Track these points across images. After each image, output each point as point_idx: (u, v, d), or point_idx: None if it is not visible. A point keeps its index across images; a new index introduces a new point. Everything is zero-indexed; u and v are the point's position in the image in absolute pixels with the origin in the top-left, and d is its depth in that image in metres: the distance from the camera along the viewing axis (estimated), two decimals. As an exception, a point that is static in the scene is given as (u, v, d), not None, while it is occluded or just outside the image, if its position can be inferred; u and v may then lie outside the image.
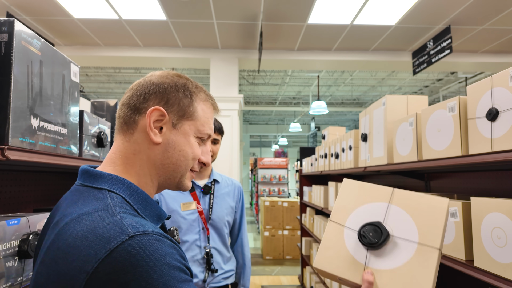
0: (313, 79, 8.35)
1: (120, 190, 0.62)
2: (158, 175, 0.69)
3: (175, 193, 1.57)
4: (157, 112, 0.66)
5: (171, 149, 0.68)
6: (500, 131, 1.07)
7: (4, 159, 0.77)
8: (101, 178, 0.63)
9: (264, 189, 9.27)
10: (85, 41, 5.04)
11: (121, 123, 0.69)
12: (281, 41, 5.04)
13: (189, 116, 0.70)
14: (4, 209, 1.20)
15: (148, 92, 0.68)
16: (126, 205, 0.60)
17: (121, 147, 0.68)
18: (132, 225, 0.54)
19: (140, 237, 0.52)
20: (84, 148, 1.25)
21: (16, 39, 0.84)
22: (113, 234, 0.52)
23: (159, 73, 0.72)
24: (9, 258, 0.89)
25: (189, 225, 1.54)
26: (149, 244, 0.52)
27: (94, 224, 0.53)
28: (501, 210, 1.07)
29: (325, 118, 13.68)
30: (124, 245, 0.50)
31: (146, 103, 0.67)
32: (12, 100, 0.82)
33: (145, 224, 0.56)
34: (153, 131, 0.66)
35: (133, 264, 0.49)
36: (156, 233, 0.54)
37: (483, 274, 1.11)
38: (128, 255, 0.50)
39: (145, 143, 0.67)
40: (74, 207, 0.59)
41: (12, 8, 4.01)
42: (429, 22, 4.39)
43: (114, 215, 0.55)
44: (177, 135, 0.69)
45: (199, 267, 1.52)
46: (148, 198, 0.65)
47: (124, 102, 0.69)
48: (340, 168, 2.65)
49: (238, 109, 5.25)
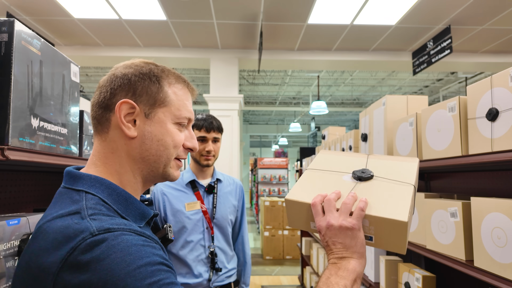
0: (313, 79, 8.35)
1: (97, 191, 0.60)
2: (140, 170, 0.67)
3: (179, 193, 1.57)
4: (126, 105, 0.63)
5: (149, 140, 0.65)
6: (500, 131, 1.07)
7: (4, 159, 0.77)
8: (80, 179, 0.62)
9: (264, 189, 9.27)
10: (85, 41, 5.04)
11: (95, 123, 0.67)
12: (281, 41, 5.04)
13: (161, 103, 0.66)
14: (4, 209, 1.19)
15: (113, 86, 0.65)
16: (102, 206, 0.59)
17: (99, 147, 0.66)
18: (98, 225, 0.53)
19: (104, 234, 0.51)
20: (84, 148, 1.25)
21: (16, 39, 0.84)
22: (78, 233, 0.51)
23: (122, 64, 0.69)
24: (9, 258, 0.89)
25: (194, 225, 1.53)
26: (112, 238, 0.51)
27: (64, 226, 0.53)
28: (501, 210, 1.07)
29: (325, 118, 13.68)
30: (86, 242, 0.50)
31: (114, 98, 0.64)
32: (12, 100, 0.82)
33: (116, 222, 0.55)
34: (126, 126, 0.64)
35: (96, 259, 0.49)
36: (123, 229, 0.53)
37: (483, 274, 1.11)
38: (90, 252, 0.49)
39: (121, 140, 0.65)
40: (51, 209, 0.59)
41: (12, 8, 4.01)
42: (429, 22, 4.39)
43: (84, 217, 0.55)
44: (152, 125, 0.65)
45: (204, 266, 1.52)
46: (129, 198, 0.63)
47: (94, 101, 0.67)
48: (340, 168, 2.65)
49: (238, 109, 5.25)
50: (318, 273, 3.46)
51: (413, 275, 1.56)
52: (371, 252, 2.03)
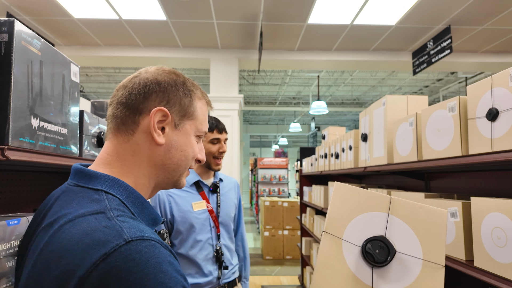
0: (313, 79, 8.35)
1: (117, 192, 0.60)
2: (156, 176, 0.67)
3: (185, 193, 1.58)
4: (161, 112, 0.64)
5: (174, 149, 0.67)
6: (500, 131, 1.07)
7: (4, 159, 0.78)
8: (97, 179, 0.60)
9: (264, 189, 9.27)
10: (85, 41, 5.04)
11: (118, 123, 0.65)
12: (281, 41, 5.04)
13: (190, 116, 0.69)
14: (4, 209, 1.20)
15: (147, 91, 0.65)
16: (124, 207, 0.58)
17: (118, 148, 0.65)
18: (130, 229, 0.52)
19: (138, 243, 0.50)
20: (84, 148, 1.25)
21: (16, 39, 0.84)
22: (110, 238, 0.49)
23: (154, 70, 0.69)
24: (9, 258, 0.89)
25: (202, 225, 1.56)
26: (145, 250, 0.50)
27: (91, 227, 0.51)
28: (501, 210, 1.07)
29: (325, 118, 13.68)
30: (120, 250, 0.48)
31: (147, 103, 0.65)
32: (12, 100, 0.82)
33: (143, 229, 0.54)
34: (156, 132, 0.64)
35: (128, 270, 0.47)
36: (154, 239, 0.52)
37: (483, 274, 1.11)
38: (124, 261, 0.47)
39: (146, 144, 0.65)
40: (69, 208, 0.56)
41: (12, 8, 4.01)
42: (429, 22, 4.39)
43: (111, 218, 0.53)
44: (179, 135, 0.67)
45: (213, 265, 1.55)
46: (144, 201, 0.63)
47: (120, 100, 0.66)
48: (340, 168, 2.65)
49: (238, 109, 5.25)
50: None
51: (413, 275, 1.56)
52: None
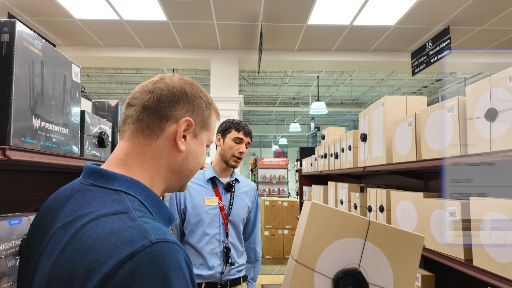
0: (313, 80, 8.35)
1: (136, 193, 0.61)
2: (170, 180, 0.70)
3: (200, 187, 1.67)
4: (187, 122, 0.68)
5: (191, 157, 0.71)
6: (499, 131, 1.08)
7: (6, 159, 0.78)
8: (116, 179, 0.61)
9: (264, 189, 9.28)
10: (86, 41, 5.05)
11: (142, 126, 0.66)
12: (281, 42, 5.04)
13: (207, 127, 0.74)
14: (6, 209, 1.20)
15: (176, 99, 0.68)
16: (144, 208, 0.59)
17: (139, 150, 0.66)
18: (154, 231, 0.53)
19: (162, 245, 0.51)
20: (85, 148, 1.25)
21: (18, 40, 0.84)
22: (136, 239, 0.50)
23: (178, 79, 0.71)
24: (10, 258, 0.90)
25: (211, 219, 1.62)
26: (169, 253, 0.51)
27: (116, 227, 0.52)
28: (500, 210, 1.07)
29: (324, 118, 13.69)
30: (146, 251, 0.49)
31: (175, 111, 0.67)
32: (13, 100, 0.82)
33: (166, 231, 0.55)
34: (181, 140, 0.68)
35: (152, 271, 0.48)
36: (176, 242, 0.54)
37: (482, 274, 1.12)
38: (149, 262, 0.49)
39: (167, 149, 0.67)
40: (89, 207, 0.57)
41: (13, 9, 4.02)
42: (428, 23, 4.40)
43: (135, 219, 0.54)
44: (197, 144, 0.72)
45: (218, 259, 1.60)
46: (160, 201, 0.65)
47: (147, 105, 0.66)
48: (339, 168, 2.66)
49: (238, 109, 5.26)
50: None
51: (412, 275, 1.56)
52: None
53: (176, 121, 0.67)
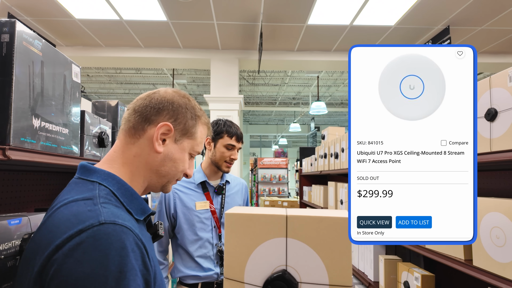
0: (313, 80, 8.35)
1: (109, 184, 0.70)
2: (150, 178, 0.78)
3: (190, 191, 1.64)
4: (166, 127, 0.76)
5: (168, 159, 0.77)
6: (499, 131, 1.08)
7: (6, 159, 0.78)
8: (95, 173, 0.71)
9: (264, 189, 9.28)
10: (86, 41, 5.05)
11: (129, 127, 0.76)
12: (281, 42, 5.05)
13: (190, 136, 0.80)
14: (6, 209, 1.20)
15: (161, 107, 0.77)
16: (112, 197, 0.68)
17: (125, 148, 0.76)
18: (107, 214, 0.61)
19: (108, 226, 0.59)
20: (85, 148, 1.25)
21: (18, 40, 0.84)
22: (88, 219, 0.59)
23: (171, 91, 0.81)
24: (10, 258, 0.90)
25: (203, 224, 1.60)
26: (113, 233, 0.58)
27: (79, 210, 0.61)
28: (500, 210, 1.07)
29: (324, 118, 13.69)
30: (93, 229, 0.57)
31: (157, 116, 0.76)
32: (13, 100, 0.82)
33: (120, 216, 0.62)
34: (158, 142, 0.75)
35: (94, 247, 0.56)
36: (126, 226, 0.61)
37: (482, 274, 1.12)
38: (93, 238, 0.56)
39: (147, 149, 0.76)
40: (68, 195, 0.67)
41: (13, 9, 4.02)
42: (428, 23, 4.40)
43: (96, 204, 0.63)
44: (176, 150, 0.78)
45: (212, 262, 1.59)
46: (134, 193, 0.73)
47: (137, 109, 0.77)
48: (339, 168, 2.66)
49: (238, 109, 5.26)
50: None
51: (412, 274, 1.56)
52: (371, 251, 2.04)
53: (157, 125, 0.76)
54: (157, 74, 7.98)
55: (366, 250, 2.13)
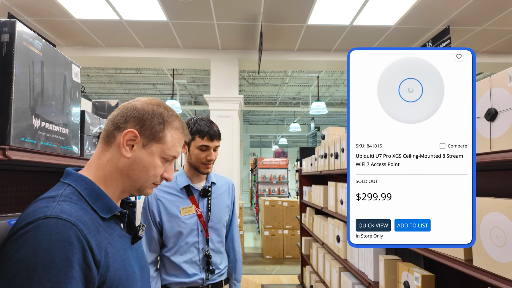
0: (313, 80, 8.35)
1: (77, 185, 0.77)
2: (122, 182, 0.83)
3: (174, 197, 1.57)
4: (131, 133, 0.81)
5: (137, 164, 0.82)
6: (499, 131, 1.08)
7: (6, 159, 0.78)
8: (70, 176, 0.79)
9: (264, 189, 9.28)
10: (86, 41, 5.05)
11: (104, 135, 0.83)
12: (281, 42, 5.04)
13: (158, 140, 0.84)
14: (6, 209, 1.20)
15: (129, 115, 0.82)
16: (76, 196, 0.75)
17: (100, 154, 0.83)
18: (56, 210, 0.67)
19: (51, 220, 0.65)
20: (85, 148, 1.25)
21: (18, 40, 0.84)
22: (39, 214, 0.66)
23: (144, 100, 0.86)
24: (10, 258, 0.90)
25: (190, 229, 1.54)
26: (54, 226, 0.65)
27: (38, 206, 0.69)
28: (500, 210, 1.07)
29: (324, 119, 13.69)
30: (38, 222, 0.65)
31: (125, 124, 0.82)
32: (13, 100, 0.82)
33: (67, 211, 0.68)
34: (124, 148, 0.81)
35: (34, 237, 0.63)
36: (70, 221, 0.67)
37: (482, 274, 1.12)
38: (36, 230, 0.64)
39: (118, 155, 0.81)
40: (43, 194, 0.74)
41: (13, 9, 4.02)
42: (428, 23, 4.40)
43: (55, 201, 0.70)
44: (145, 154, 0.82)
45: (198, 268, 1.54)
46: (101, 193, 0.79)
47: (111, 118, 0.84)
48: (339, 168, 2.66)
49: (238, 109, 5.26)
50: (317, 272, 3.46)
51: (412, 274, 1.56)
52: (371, 251, 2.04)
53: None
54: (157, 74, 7.98)
55: (366, 250, 2.13)
